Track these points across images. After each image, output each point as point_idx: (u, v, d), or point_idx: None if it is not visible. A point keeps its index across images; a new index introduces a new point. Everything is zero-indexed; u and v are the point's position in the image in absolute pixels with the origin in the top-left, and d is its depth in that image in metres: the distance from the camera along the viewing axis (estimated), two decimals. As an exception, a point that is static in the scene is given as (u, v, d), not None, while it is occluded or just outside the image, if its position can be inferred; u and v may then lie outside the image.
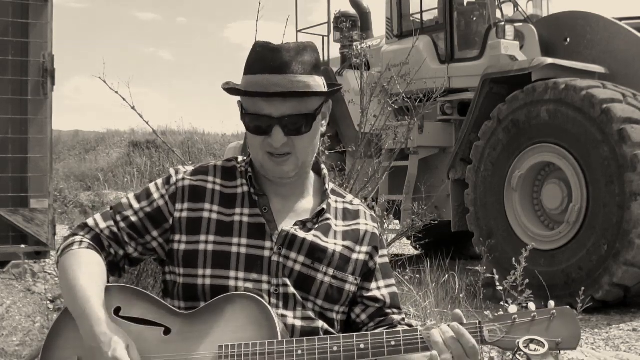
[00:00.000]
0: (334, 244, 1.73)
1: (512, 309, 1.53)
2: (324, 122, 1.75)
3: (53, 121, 5.53)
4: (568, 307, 1.54)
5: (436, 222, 5.86)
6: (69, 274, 1.64)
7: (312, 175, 1.81)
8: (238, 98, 1.73)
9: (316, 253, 1.70)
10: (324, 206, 1.75)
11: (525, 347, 1.47)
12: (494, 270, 3.35)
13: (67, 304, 1.66)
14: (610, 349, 4.57)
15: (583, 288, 3.75)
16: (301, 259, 1.69)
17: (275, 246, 1.68)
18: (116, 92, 4.10)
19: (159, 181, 1.77)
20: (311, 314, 1.68)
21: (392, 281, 1.83)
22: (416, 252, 7.65)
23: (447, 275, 5.29)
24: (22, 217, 5.39)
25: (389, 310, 1.77)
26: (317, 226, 1.73)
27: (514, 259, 3.19)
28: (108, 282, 1.69)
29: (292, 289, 1.67)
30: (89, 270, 1.65)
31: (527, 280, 3.11)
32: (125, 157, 19.02)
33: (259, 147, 1.67)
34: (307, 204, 1.77)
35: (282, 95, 1.61)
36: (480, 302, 4.61)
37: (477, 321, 1.53)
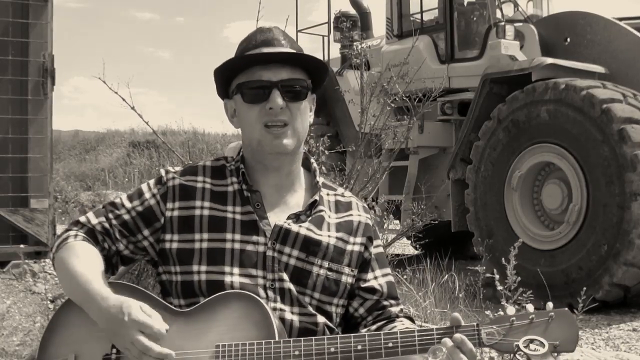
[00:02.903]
0: (327, 236, 1.74)
1: (510, 310, 1.52)
2: (311, 114, 1.80)
3: (53, 121, 5.54)
4: (566, 309, 1.53)
5: (436, 222, 5.86)
6: (67, 265, 1.66)
7: (302, 170, 1.83)
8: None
9: (310, 246, 1.71)
10: (317, 197, 1.77)
11: (526, 347, 1.46)
12: (494, 270, 3.35)
13: (69, 294, 1.67)
14: (610, 349, 4.56)
15: (585, 288, 3.74)
16: (295, 252, 1.70)
17: (269, 241, 1.69)
18: (116, 93, 4.09)
19: (151, 181, 1.80)
20: (309, 308, 1.69)
21: (388, 270, 1.85)
22: (416, 252, 7.65)
23: (446, 275, 5.29)
24: (22, 217, 5.40)
25: (386, 302, 1.78)
26: (310, 218, 1.75)
27: (513, 258, 3.18)
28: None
29: (288, 284, 1.68)
30: (86, 258, 1.67)
31: (519, 278, 3.11)
32: (125, 157, 19.02)
33: (255, 120, 1.70)
34: (299, 198, 1.79)
35: (281, 56, 1.70)
36: (480, 302, 4.60)
37: (475, 323, 1.52)
